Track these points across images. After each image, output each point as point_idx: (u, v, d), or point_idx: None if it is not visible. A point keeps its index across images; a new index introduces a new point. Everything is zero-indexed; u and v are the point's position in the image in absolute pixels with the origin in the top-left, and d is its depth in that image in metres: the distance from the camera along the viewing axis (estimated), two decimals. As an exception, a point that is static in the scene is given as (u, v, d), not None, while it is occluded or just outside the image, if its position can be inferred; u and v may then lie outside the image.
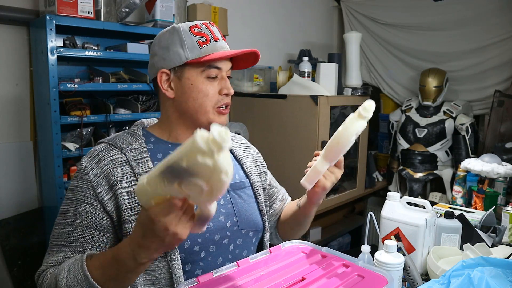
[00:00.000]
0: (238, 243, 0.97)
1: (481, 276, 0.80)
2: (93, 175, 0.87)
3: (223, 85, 0.94)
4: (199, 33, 0.91)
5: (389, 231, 1.17)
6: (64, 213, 0.88)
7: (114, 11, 1.90)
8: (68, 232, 0.85)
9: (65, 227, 0.86)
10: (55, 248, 0.86)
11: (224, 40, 0.96)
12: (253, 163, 1.12)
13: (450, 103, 2.79)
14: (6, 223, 1.88)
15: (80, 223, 0.85)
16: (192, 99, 0.92)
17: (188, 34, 0.91)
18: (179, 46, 0.91)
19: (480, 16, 2.77)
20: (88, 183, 0.87)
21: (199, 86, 0.92)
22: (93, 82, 1.93)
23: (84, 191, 0.87)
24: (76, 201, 0.87)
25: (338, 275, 0.80)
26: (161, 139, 0.98)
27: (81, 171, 0.89)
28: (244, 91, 2.70)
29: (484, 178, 1.77)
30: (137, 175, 0.88)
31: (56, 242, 0.86)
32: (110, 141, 0.94)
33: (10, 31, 1.86)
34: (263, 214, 1.04)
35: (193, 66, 0.92)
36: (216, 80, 0.94)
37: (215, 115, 0.94)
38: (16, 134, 1.93)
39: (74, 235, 0.85)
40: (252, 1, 2.92)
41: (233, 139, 1.13)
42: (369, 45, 3.34)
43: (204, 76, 0.92)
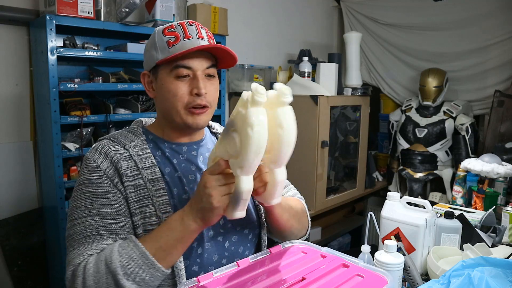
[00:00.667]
0: (233, 240, 0.97)
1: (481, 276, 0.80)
2: (105, 167, 0.88)
3: (194, 85, 0.91)
4: (171, 33, 0.91)
5: (389, 231, 1.17)
6: (85, 206, 0.85)
7: (114, 11, 1.90)
8: (97, 222, 0.83)
9: (92, 218, 0.84)
10: (86, 239, 0.83)
11: (200, 38, 0.92)
12: None
13: (450, 103, 2.79)
14: (6, 223, 1.88)
15: (107, 211, 0.84)
16: (165, 99, 0.92)
17: (160, 36, 0.92)
18: (153, 48, 0.93)
19: (480, 16, 2.77)
20: (102, 174, 0.87)
21: (168, 86, 0.91)
22: (93, 82, 1.93)
23: (101, 181, 0.87)
24: (95, 192, 0.86)
25: (338, 275, 0.80)
26: (159, 136, 0.99)
27: (91, 165, 0.89)
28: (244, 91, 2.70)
29: (484, 178, 1.78)
30: (140, 170, 0.88)
31: (85, 234, 0.83)
32: (111, 137, 0.94)
33: (10, 31, 1.86)
34: (259, 209, 1.04)
35: (163, 66, 0.92)
36: (186, 80, 0.91)
37: (187, 116, 0.92)
38: (16, 134, 1.93)
39: (105, 223, 0.84)
40: (252, 1, 2.92)
41: None
42: (369, 45, 3.34)
43: (173, 76, 0.91)
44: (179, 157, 0.97)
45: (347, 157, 2.87)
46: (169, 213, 0.86)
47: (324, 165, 2.41)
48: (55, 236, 1.82)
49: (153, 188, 0.87)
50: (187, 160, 0.98)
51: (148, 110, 2.08)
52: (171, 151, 0.97)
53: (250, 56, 2.89)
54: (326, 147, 2.40)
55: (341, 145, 2.83)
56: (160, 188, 0.88)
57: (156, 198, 0.87)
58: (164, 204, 0.87)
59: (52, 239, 1.92)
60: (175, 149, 0.98)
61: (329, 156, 2.54)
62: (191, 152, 0.99)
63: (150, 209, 0.86)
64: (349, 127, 2.86)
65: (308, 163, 2.38)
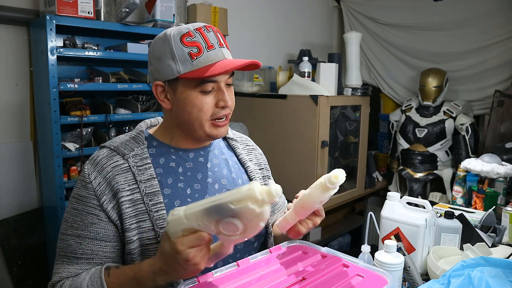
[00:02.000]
0: (238, 247, 0.96)
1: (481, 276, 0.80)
2: (96, 184, 0.86)
3: (219, 97, 0.89)
4: (191, 43, 0.85)
5: (389, 231, 1.17)
6: (70, 223, 0.88)
7: (114, 11, 1.90)
8: (76, 244, 0.86)
9: (72, 238, 0.86)
10: (65, 259, 0.87)
11: (221, 46, 0.89)
12: (257, 166, 1.09)
13: (450, 103, 2.79)
14: (6, 223, 1.88)
15: (87, 235, 0.86)
16: (187, 112, 0.89)
17: (179, 44, 0.85)
18: (171, 58, 0.86)
19: (480, 16, 2.77)
20: (91, 192, 0.86)
21: (193, 101, 0.87)
22: (93, 82, 1.93)
23: (89, 201, 0.86)
24: (81, 211, 0.87)
25: (338, 275, 0.80)
26: (164, 143, 0.96)
27: (84, 179, 0.88)
28: (244, 91, 2.70)
29: (484, 178, 1.77)
30: (138, 183, 0.87)
31: (65, 253, 0.87)
32: (112, 146, 0.92)
33: (10, 31, 1.86)
34: None
35: (186, 80, 0.87)
36: (212, 93, 0.89)
37: (211, 128, 0.91)
38: (16, 134, 1.94)
39: (83, 247, 0.85)
40: (252, 1, 2.92)
41: (239, 140, 1.10)
42: (369, 45, 3.34)
43: (198, 90, 0.87)
44: (185, 165, 0.95)
45: (347, 157, 2.87)
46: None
47: (324, 165, 2.41)
48: (55, 236, 1.81)
49: (150, 203, 0.86)
50: (193, 168, 0.95)
51: (148, 110, 2.08)
52: (177, 158, 0.95)
53: (250, 56, 2.87)
54: (326, 147, 2.40)
55: (341, 145, 2.83)
56: (157, 202, 0.87)
57: (153, 213, 0.85)
58: (162, 219, 0.86)
59: (52, 239, 1.91)
60: (181, 156, 0.95)
61: (329, 156, 2.54)
62: (198, 159, 0.97)
63: (147, 224, 0.85)
64: (349, 127, 2.86)
65: (308, 163, 2.38)
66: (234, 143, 1.08)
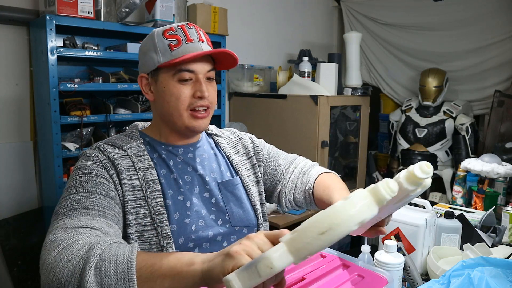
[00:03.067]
0: (232, 240, 0.98)
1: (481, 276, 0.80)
2: (102, 159, 0.88)
3: (197, 88, 0.92)
4: (172, 36, 0.91)
5: (389, 231, 1.17)
6: (75, 185, 0.81)
7: (114, 11, 1.90)
8: (86, 198, 0.78)
9: (80, 195, 0.79)
10: (72, 212, 0.75)
11: (201, 41, 0.93)
12: (245, 156, 1.10)
13: (450, 103, 2.79)
14: (6, 223, 1.88)
15: (97, 191, 0.81)
16: (166, 102, 0.93)
17: (161, 38, 0.92)
18: (153, 50, 0.92)
19: (480, 16, 2.77)
20: (99, 163, 0.87)
21: (171, 90, 0.92)
22: (93, 82, 1.93)
23: (97, 168, 0.86)
24: (89, 174, 0.84)
25: (338, 275, 0.80)
26: (155, 139, 0.99)
27: (89, 156, 0.89)
28: (244, 91, 2.70)
29: (484, 178, 1.77)
30: (137, 170, 0.89)
31: (71, 207, 0.76)
32: (108, 141, 0.95)
33: (10, 31, 1.85)
34: (256, 209, 1.04)
35: (165, 70, 0.92)
36: (189, 83, 0.92)
37: (190, 119, 0.93)
38: (16, 134, 1.93)
39: (94, 200, 0.78)
40: (252, 1, 2.92)
41: (223, 136, 1.13)
42: (369, 45, 3.34)
43: (176, 79, 0.91)
44: (176, 158, 0.98)
45: (347, 157, 2.87)
46: (162, 215, 0.87)
47: (324, 165, 2.41)
48: (55, 236, 1.82)
49: (149, 190, 0.88)
50: (183, 161, 0.98)
51: (148, 110, 2.08)
52: (167, 153, 0.98)
53: (250, 56, 2.89)
54: (326, 147, 2.40)
55: (341, 145, 2.83)
56: (155, 190, 0.89)
57: (151, 200, 0.87)
58: (159, 206, 0.88)
59: (52, 239, 1.91)
60: (171, 151, 0.98)
61: (329, 156, 2.54)
62: (187, 154, 1.00)
63: (144, 210, 0.87)
64: (349, 127, 2.86)
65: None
66: (218, 138, 1.10)
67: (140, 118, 2.01)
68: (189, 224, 0.92)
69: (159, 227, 0.86)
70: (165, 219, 0.87)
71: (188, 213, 0.93)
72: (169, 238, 0.87)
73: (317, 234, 0.54)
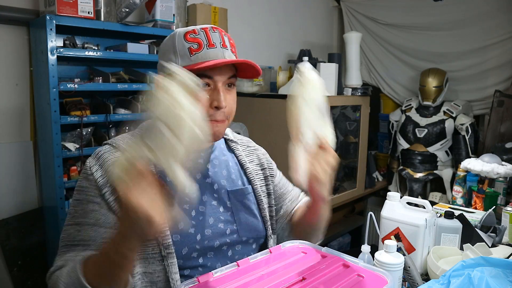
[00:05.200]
0: (237, 249, 0.96)
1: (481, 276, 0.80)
2: (98, 176, 0.87)
3: (214, 97, 0.87)
4: (193, 39, 0.87)
5: (389, 231, 1.17)
6: (72, 214, 0.87)
7: (114, 11, 1.90)
8: (75, 231, 0.84)
9: (72, 227, 0.85)
10: (64, 248, 0.85)
11: (224, 47, 0.89)
12: (258, 166, 1.08)
13: (450, 103, 2.79)
14: (6, 223, 1.88)
15: (86, 221, 0.84)
16: None
17: (181, 40, 0.88)
18: (172, 52, 0.88)
19: (480, 16, 2.77)
20: (93, 183, 0.87)
21: None
22: (93, 82, 1.93)
23: (90, 190, 0.86)
24: (82, 201, 0.86)
25: (338, 275, 0.80)
26: None
27: (86, 171, 0.89)
28: (244, 91, 2.70)
29: (484, 178, 1.77)
30: None
31: (65, 243, 0.85)
32: (113, 143, 0.93)
33: (10, 31, 1.85)
34: (266, 220, 1.02)
35: None
36: (207, 91, 0.88)
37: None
38: (16, 134, 1.93)
39: (81, 234, 0.83)
40: (252, 1, 2.92)
41: (239, 142, 1.09)
42: (369, 45, 3.34)
43: None
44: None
45: (347, 157, 2.87)
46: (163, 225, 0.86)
47: (324, 165, 2.41)
48: (55, 236, 1.82)
49: None
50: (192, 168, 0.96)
51: (148, 110, 2.08)
52: None
53: (250, 56, 2.85)
54: (326, 147, 2.40)
55: (341, 145, 2.83)
56: None
57: None
58: None
59: (52, 239, 1.91)
60: None
61: (329, 156, 2.54)
62: (197, 160, 0.96)
63: None
64: (349, 127, 2.86)
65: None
66: (234, 145, 1.07)
67: (140, 118, 2.01)
68: (194, 234, 0.90)
69: (160, 237, 0.84)
70: (165, 229, 0.85)
71: (193, 223, 0.90)
72: (170, 248, 0.85)
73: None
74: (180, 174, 0.61)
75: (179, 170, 0.61)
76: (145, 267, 0.86)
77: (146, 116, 0.57)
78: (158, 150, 0.58)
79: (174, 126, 0.56)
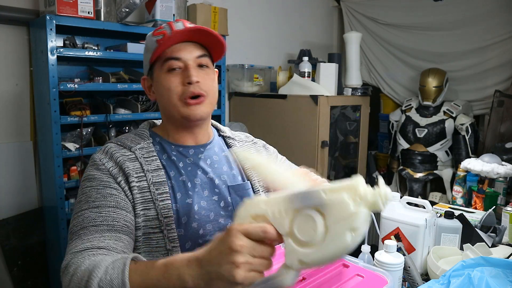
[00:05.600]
0: None
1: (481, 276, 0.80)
2: (109, 166, 0.88)
3: (185, 75, 0.90)
4: (159, 33, 0.92)
5: (389, 231, 1.17)
6: (85, 200, 0.84)
7: (114, 11, 1.90)
8: (95, 214, 0.81)
9: (90, 211, 0.82)
10: (83, 231, 0.79)
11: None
12: None
13: (450, 103, 2.79)
14: (6, 223, 1.88)
15: (107, 204, 0.83)
16: (161, 96, 0.94)
17: (150, 38, 0.94)
18: (146, 51, 0.95)
19: (480, 16, 2.77)
20: (106, 172, 0.87)
21: (162, 82, 0.92)
22: (93, 82, 1.93)
23: (104, 178, 0.86)
24: (97, 186, 0.85)
25: (338, 275, 0.80)
26: (165, 139, 0.98)
27: (96, 163, 0.89)
28: (244, 91, 2.70)
29: (484, 178, 1.77)
30: (145, 172, 0.88)
31: (82, 226, 0.80)
32: (118, 141, 0.94)
33: (10, 31, 1.86)
34: None
35: (156, 65, 0.93)
36: (178, 72, 0.91)
37: (184, 108, 0.91)
38: (16, 134, 1.93)
39: (103, 215, 0.81)
40: (252, 1, 2.92)
41: (237, 138, 1.10)
42: (369, 45, 3.34)
43: (165, 70, 0.91)
44: (186, 160, 0.96)
45: (347, 157, 2.87)
46: (169, 218, 0.86)
47: (324, 165, 2.41)
48: (55, 236, 1.82)
49: (157, 192, 0.87)
50: (193, 163, 0.96)
51: (148, 110, 2.08)
52: (177, 153, 0.96)
53: (250, 56, 2.89)
54: (326, 147, 2.40)
55: (341, 145, 2.83)
56: (163, 192, 0.88)
57: (158, 202, 0.86)
58: (166, 208, 0.86)
59: (52, 239, 1.92)
60: (181, 152, 0.97)
61: (329, 156, 2.54)
62: (198, 155, 0.98)
63: (152, 212, 0.86)
64: (349, 127, 2.86)
65: (308, 163, 2.37)
66: (232, 141, 1.08)
67: (140, 118, 2.01)
68: (197, 228, 0.90)
69: (166, 230, 0.85)
70: (172, 222, 0.86)
71: (196, 217, 0.91)
72: (175, 242, 0.85)
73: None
74: (292, 277, 0.58)
75: (294, 273, 0.58)
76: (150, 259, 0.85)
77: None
78: (298, 234, 0.56)
79: (331, 237, 0.54)
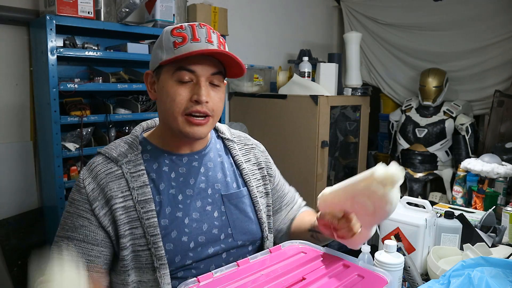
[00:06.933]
0: (232, 252, 0.95)
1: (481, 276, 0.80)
2: (90, 189, 0.86)
3: (195, 91, 0.85)
4: (179, 34, 0.86)
5: (389, 231, 1.17)
6: (63, 225, 0.89)
7: (114, 11, 1.90)
8: (65, 245, 0.86)
9: (62, 240, 0.87)
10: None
11: (209, 42, 0.86)
12: (256, 166, 1.05)
13: (450, 103, 2.79)
14: (6, 223, 1.88)
15: (75, 236, 0.86)
16: (163, 103, 0.88)
17: (168, 35, 0.87)
18: (159, 47, 0.88)
19: (480, 16, 2.77)
20: (84, 197, 0.87)
21: (168, 90, 0.86)
22: (93, 82, 1.93)
23: (81, 204, 0.87)
24: (73, 214, 0.87)
25: (338, 275, 0.80)
26: (158, 147, 0.94)
27: (79, 184, 0.88)
28: (244, 91, 2.70)
29: (484, 178, 1.77)
30: (131, 190, 0.86)
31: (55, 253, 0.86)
32: (107, 153, 0.91)
33: (10, 31, 1.86)
34: (262, 222, 1.00)
35: (166, 68, 0.87)
36: (188, 85, 0.86)
37: (184, 124, 0.87)
38: (16, 134, 1.93)
39: (70, 249, 0.85)
40: (252, 1, 2.92)
41: (236, 141, 1.07)
42: (369, 45, 3.34)
43: (174, 79, 0.86)
44: (178, 170, 0.93)
45: (347, 157, 2.87)
46: (156, 236, 0.84)
47: (324, 165, 2.41)
48: (55, 236, 1.82)
49: (142, 210, 0.85)
50: (186, 173, 0.93)
51: (148, 110, 2.08)
52: (170, 162, 0.93)
53: (250, 56, 2.89)
54: (326, 147, 2.40)
55: (341, 145, 2.83)
56: (149, 210, 0.86)
57: (144, 221, 0.85)
58: (152, 226, 0.85)
59: (52, 239, 1.91)
60: (174, 161, 0.93)
61: (329, 156, 2.54)
62: (191, 163, 0.95)
63: (139, 230, 0.85)
64: (349, 127, 2.86)
65: (308, 163, 2.38)
66: (231, 144, 1.04)
67: (140, 118, 2.01)
68: (187, 242, 0.89)
69: (153, 248, 0.84)
70: (158, 240, 0.84)
71: (186, 231, 0.89)
72: (162, 260, 0.84)
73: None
74: (371, 231, 0.86)
75: (369, 229, 0.86)
76: (140, 276, 0.86)
77: None
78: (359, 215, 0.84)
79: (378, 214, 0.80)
